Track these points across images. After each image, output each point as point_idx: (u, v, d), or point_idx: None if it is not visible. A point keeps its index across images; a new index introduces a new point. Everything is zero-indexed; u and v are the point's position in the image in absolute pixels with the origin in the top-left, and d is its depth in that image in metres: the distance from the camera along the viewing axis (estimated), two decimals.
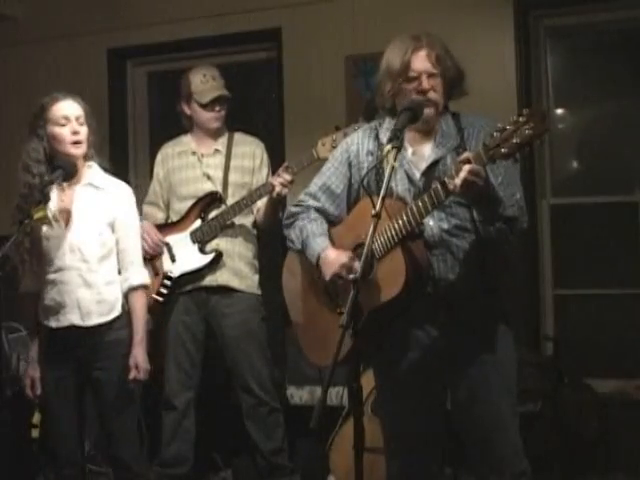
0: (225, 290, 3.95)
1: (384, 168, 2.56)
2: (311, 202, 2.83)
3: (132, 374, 3.19)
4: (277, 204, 3.86)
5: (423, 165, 2.64)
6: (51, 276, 3.23)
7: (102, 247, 3.23)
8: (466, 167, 2.33)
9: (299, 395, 4.42)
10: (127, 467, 3.29)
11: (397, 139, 2.44)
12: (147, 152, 5.25)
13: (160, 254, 3.98)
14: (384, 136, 2.69)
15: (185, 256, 3.94)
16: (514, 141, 2.25)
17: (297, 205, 2.87)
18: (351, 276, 2.28)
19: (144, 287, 3.32)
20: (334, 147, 3.62)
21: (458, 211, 2.60)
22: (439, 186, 2.44)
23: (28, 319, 3.35)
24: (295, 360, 4.48)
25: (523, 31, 4.39)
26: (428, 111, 2.61)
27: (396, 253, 2.53)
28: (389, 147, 2.43)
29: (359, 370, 2.37)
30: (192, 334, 3.99)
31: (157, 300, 3.94)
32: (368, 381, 3.82)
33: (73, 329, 3.20)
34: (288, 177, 3.70)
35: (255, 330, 3.98)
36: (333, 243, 2.74)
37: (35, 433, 3.90)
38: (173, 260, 3.97)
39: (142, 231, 3.95)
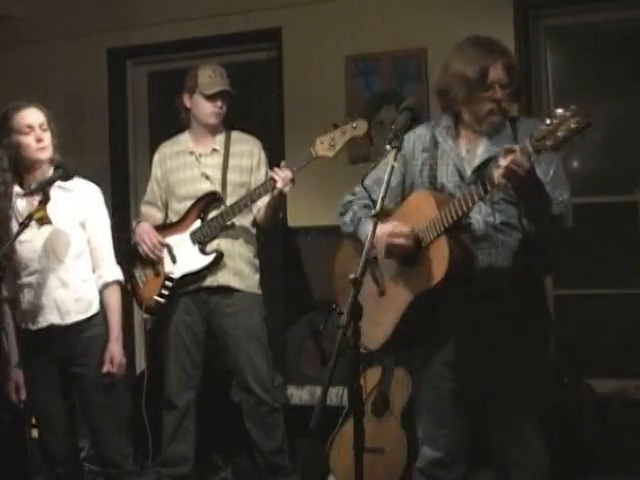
0: (226, 290, 3.95)
1: (437, 164, 2.73)
2: (366, 194, 2.93)
3: (106, 367, 3.26)
4: (278, 203, 3.86)
5: (476, 162, 2.73)
6: (27, 279, 3.28)
7: (76, 246, 3.30)
8: (509, 157, 2.41)
9: (299, 395, 4.42)
10: (116, 465, 3.32)
11: (397, 139, 2.50)
12: (147, 152, 5.24)
13: (160, 255, 3.98)
14: (439, 135, 2.81)
15: (186, 257, 3.94)
16: (559, 134, 2.32)
17: (352, 194, 3.01)
18: (351, 276, 2.29)
19: (117, 283, 3.42)
20: (332, 145, 3.64)
21: (506, 208, 2.68)
22: (485, 178, 2.53)
23: (5, 325, 3.37)
24: (295, 360, 4.48)
25: (523, 31, 4.39)
26: (496, 119, 2.73)
27: (441, 241, 2.62)
28: (388, 147, 2.47)
29: (359, 370, 2.38)
30: (193, 334, 3.99)
31: (158, 301, 3.95)
32: (368, 381, 3.85)
33: (53, 329, 3.26)
34: (290, 174, 3.70)
35: (255, 330, 3.97)
36: None
37: (35, 433, 3.89)
38: (174, 261, 3.97)
39: (142, 232, 3.98)
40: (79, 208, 3.33)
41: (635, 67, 4.45)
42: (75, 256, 3.30)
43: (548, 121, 2.35)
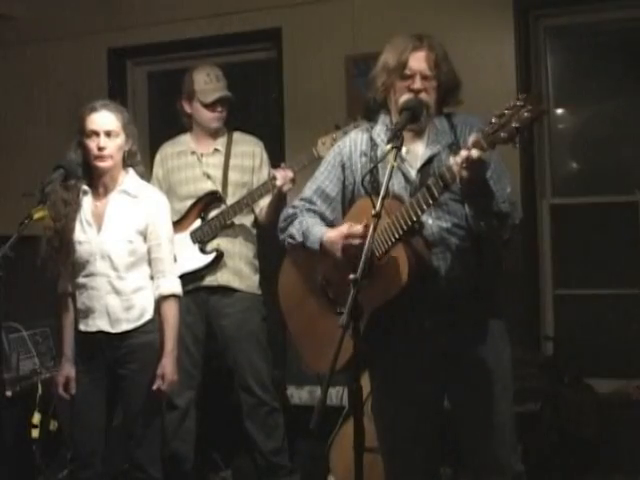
0: (225, 290, 3.95)
1: (379, 168, 2.59)
2: (307, 206, 2.80)
3: (157, 384, 3.19)
4: (278, 202, 3.86)
5: (418, 163, 2.65)
6: (82, 280, 3.25)
7: (131, 255, 3.23)
8: (470, 151, 2.30)
9: (299, 395, 4.42)
10: (143, 469, 3.29)
11: (397, 139, 2.45)
12: (147, 152, 5.23)
13: None
14: (377, 137, 2.71)
15: (186, 256, 3.93)
16: (513, 125, 2.24)
17: (293, 207, 2.85)
18: (351, 276, 2.27)
19: (174, 296, 3.29)
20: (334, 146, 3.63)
21: (455, 208, 2.59)
22: (437, 177, 2.42)
23: (59, 318, 3.34)
24: (295, 360, 4.47)
25: (523, 31, 4.40)
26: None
27: (397, 249, 2.52)
28: (389, 147, 2.44)
29: (359, 370, 2.37)
30: (193, 334, 3.99)
31: None
32: (368, 381, 3.84)
33: (102, 334, 3.23)
34: (291, 174, 3.71)
35: (255, 330, 3.98)
36: None
37: (35, 433, 3.89)
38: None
39: None
40: (141, 216, 3.25)
41: (635, 67, 4.45)
42: (130, 265, 3.23)
43: (498, 112, 2.26)
